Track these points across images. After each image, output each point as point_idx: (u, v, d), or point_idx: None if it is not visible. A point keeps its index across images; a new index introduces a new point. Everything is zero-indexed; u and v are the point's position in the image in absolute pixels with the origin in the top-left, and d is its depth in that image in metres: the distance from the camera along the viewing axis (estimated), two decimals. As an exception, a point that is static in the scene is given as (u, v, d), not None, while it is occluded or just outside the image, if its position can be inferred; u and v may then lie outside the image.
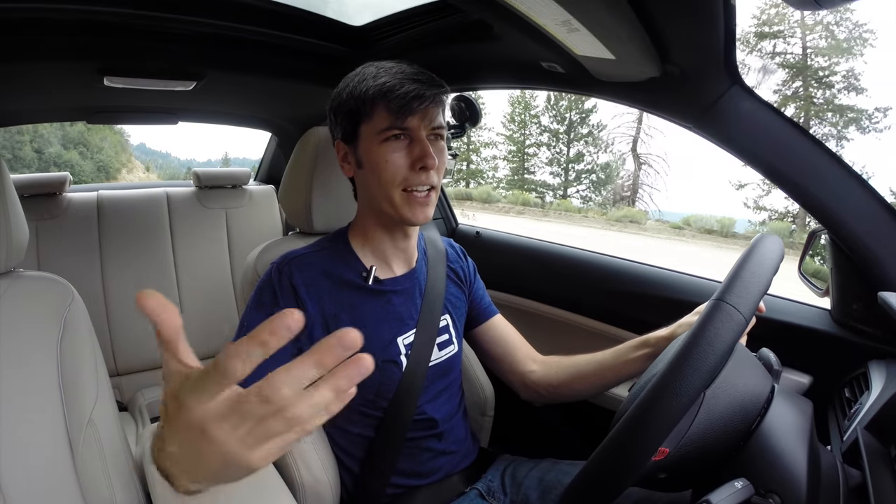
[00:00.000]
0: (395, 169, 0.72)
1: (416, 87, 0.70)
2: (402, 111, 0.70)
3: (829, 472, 0.55)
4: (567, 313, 1.20)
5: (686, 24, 0.66)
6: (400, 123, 0.71)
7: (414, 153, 0.72)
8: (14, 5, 0.85)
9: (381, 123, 0.72)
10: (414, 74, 0.72)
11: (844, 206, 0.76)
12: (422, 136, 0.72)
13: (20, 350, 0.72)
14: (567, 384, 0.88)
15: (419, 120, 0.72)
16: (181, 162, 37.92)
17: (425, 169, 0.72)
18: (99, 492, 0.72)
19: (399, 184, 0.72)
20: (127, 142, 22.68)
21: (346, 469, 0.81)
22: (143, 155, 34.89)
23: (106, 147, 20.40)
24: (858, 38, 14.39)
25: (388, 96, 0.70)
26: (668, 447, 0.50)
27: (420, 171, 0.72)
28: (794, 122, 0.78)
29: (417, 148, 0.72)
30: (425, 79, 0.72)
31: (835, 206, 0.76)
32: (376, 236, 0.80)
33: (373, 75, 0.73)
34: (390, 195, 0.73)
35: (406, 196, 0.73)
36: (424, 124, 0.72)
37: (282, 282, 0.74)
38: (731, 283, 0.52)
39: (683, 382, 0.47)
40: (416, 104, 0.70)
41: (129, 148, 23.40)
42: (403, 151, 0.72)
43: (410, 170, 0.72)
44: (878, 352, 0.77)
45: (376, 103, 0.72)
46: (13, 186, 0.77)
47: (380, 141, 0.73)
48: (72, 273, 1.43)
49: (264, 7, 1.04)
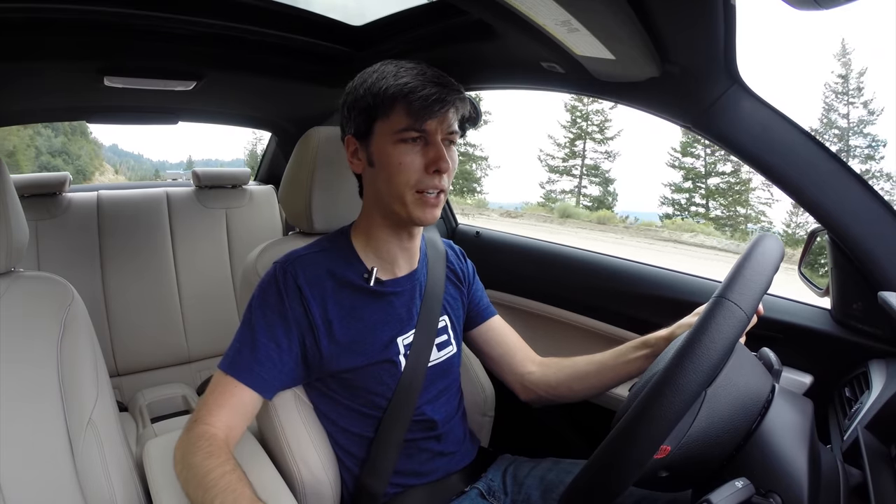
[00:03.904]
0: (410, 171, 0.72)
1: (438, 90, 0.70)
2: (423, 114, 0.70)
3: (829, 472, 0.55)
4: (567, 313, 1.20)
5: (686, 24, 0.66)
6: (419, 126, 0.71)
7: (429, 156, 0.72)
8: (14, 5, 0.85)
9: (399, 123, 0.71)
10: (435, 77, 0.72)
11: (844, 206, 0.76)
12: (437, 139, 0.72)
13: (20, 350, 0.72)
14: (566, 385, 0.88)
15: (437, 123, 0.72)
16: (153, 163, 39.65)
17: (439, 172, 0.72)
18: (99, 492, 0.72)
19: (412, 185, 0.72)
20: (99, 149, 29.95)
21: (346, 468, 0.81)
22: (114, 156, 37.87)
23: (83, 154, 27.19)
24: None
25: (410, 97, 0.69)
26: (669, 445, 0.50)
27: (433, 175, 0.72)
28: (794, 122, 0.78)
29: (432, 151, 0.72)
30: (446, 82, 0.72)
31: (835, 206, 0.76)
32: (381, 235, 0.80)
33: (393, 73, 0.72)
34: (402, 195, 0.73)
35: (418, 197, 0.73)
36: (442, 128, 0.72)
37: (287, 281, 0.74)
38: (732, 281, 0.52)
39: (685, 379, 0.47)
40: (438, 108, 0.69)
41: (101, 154, 30.55)
42: (418, 153, 0.72)
43: (424, 172, 0.72)
44: (878, 351, 0.77)
45: (396, 103, 0.71)
46: (13, 186, 0.77)
47: (395, 141, 0.72)
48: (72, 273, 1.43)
49: (264, 7, 1.04)
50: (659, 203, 20.45)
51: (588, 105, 20.52)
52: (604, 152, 21.12)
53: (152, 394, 1.56)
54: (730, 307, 0.49)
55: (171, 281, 1.72)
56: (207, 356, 1.77)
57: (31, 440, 0.70)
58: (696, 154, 19.64)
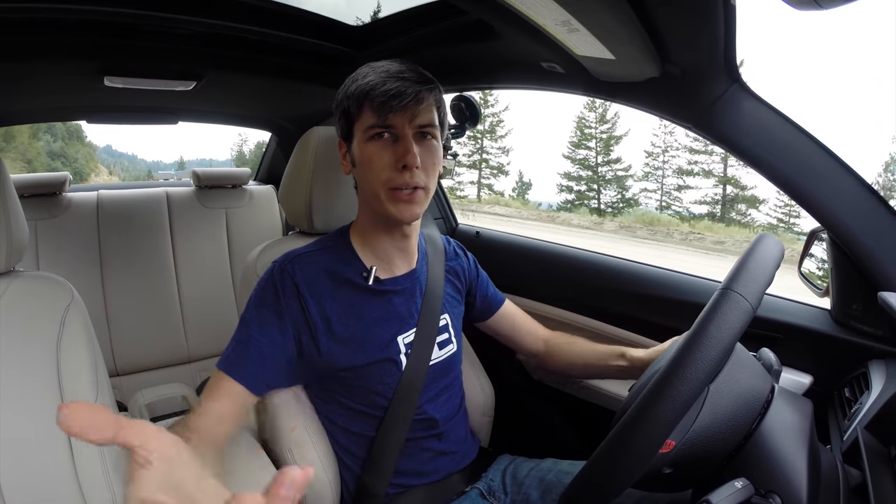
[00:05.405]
0: (380, 167, 0.72)
1: (399, 84, 0.70)
2: (383, 109, 0.70)
3: (829, 472, 0.55)
4: (566, 313, 1.20)
5: (686, 24, 0.66)
6: (382, 121, 0.72)
7: (398, 152, 0.72)
8: (14, 5, 0.85)
9: (367, 122, 0.73)
10: (399, 72, 0.72)
11: (844, 206, 0.76)
12: (406, 133, 0.72)
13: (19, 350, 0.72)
14: (563, 370, 1.00)
15: (402, 118, 0.72)
16: (147, 164, 41.04)
17: (407, 168, 0.72)
18: (99, 492, 0.72)
19: (384, 182, 0.72)
20: (94, 151, 33.05)
21: (346, 468, 0.81)
22: (109, 157, 39.21)
23: (80, 157, 29.86)
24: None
25: (371, 94, 0.71)
26: (674, 440, 0.50)
27: (403, 171, 0.72)
28: (794, 121, 0.78)
29: (401, 147, 0.72)
30: (410, 76, 0.72)
31: (835, 205, 0.76)
32: (375, 235, 0.80)
33: (363, 75, 0.74)
34: (377, 193, 0.74)
35: (391, 194, 0.73)
36: (409, 122, 0.72)
37: (284, 280, 0.75)
38: (737, 273, 0.52)
39: (693, 368, 0.47)
40: (396, 102, 0.70)
41: (96, 156, 33.32)
42: (389, 150, 0.73)
43: (393, 169, 0.72)
44: (878, 352, 0.77)
45: (363, 102, 0.73)
46: (13, 186, 0.77)
47: (366, 139, 0.73)
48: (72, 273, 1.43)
49: (264, 7, 1.04)
50: (557, 191, 24.18)
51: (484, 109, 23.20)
52: (499, 147, 24.56)
53: (152, 394, 1.56)
54: (736, 298, 0.49)
55: (170, 281, 1.72)
56: (207, 356, 1.77)
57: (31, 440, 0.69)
58: (589, 146, 23.40)
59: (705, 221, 19.06)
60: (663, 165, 22.73)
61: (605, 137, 22.96)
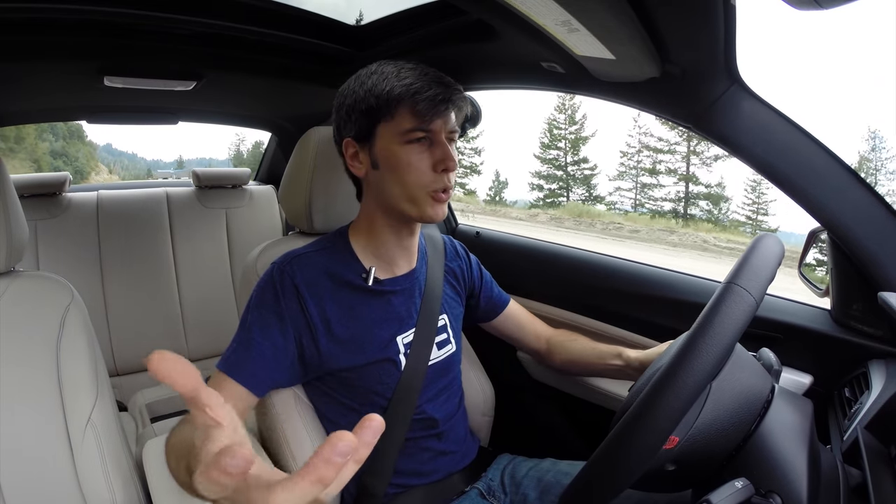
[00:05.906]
0: (421, 171, 0.72)
1: (442, 90, 0.70)
2: (429, 114, 0.70)
3: (829, 472, 0.55)
4: (567, 313, 1.20)
5: (686, 25, 0.66)
6: (426, 126, 0.71)
7: (436, 156, 0.72)
8: (14, 5, 0.85)
9: (405, 124, 0.71)
10: (438, 77, 0.72)
11: (844, 207, 0.76)
12: (442, 139, 0.73)
13: (20, 350, 0.72)
14: (563, 367, 1.01)
15: (441, 122, 0.72)
16: (147, 162, 42.08)
17: (447, 171, 0.73)
18: (99, 492, 0.72)
19: (425, 185, 0.73)
20: (95, 150, 35.09)
21: None
22: (109, 156, 40.27)
23: (80, 156, 31.22)
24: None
25: (416, 98, 0.70)
26: (678, 436, 0.50)
27: (441, 174, 0.73)
28: (794, 122, 0.78)
29: (439, 151, 0.72)
30: (448, 82, 0.72)
31: (835, 206, 0.76)
32: (382, 236, 0.80)
33: (395, 74, 0.72)
34: (414, 195, 0.73)
35: (432, 196, 0.74)
36: (446, 128, 0.73)
37: (284, 281, 0.75)
38: (741, 268, 0.52)
39: (698, 359, 0.47)
40: (444, 107, 0.70)
41: (96, 154, 34.89)
42: (427, 153, 0.73)
43: (434, 171, 0.73)
44: (878, 352, 0.77)
45: (401, 103, 0.71)
46: (13, 186, 0.77)
47: (402, 142, 0.72)
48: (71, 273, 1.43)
49: (264, 7, 1.03)
50: (529, 189, 26.14)
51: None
52: (472, 148, 26.18)
53: (152, 393, 1.55)
54: (740, 292, 0.50)
55: (170, 281, 1.72)
56: (207, 356, 1.77)
57: (31, 440, 0.69)
58: (559, 147, 25.45)
59: (665, 219, 20.51)
60: (637, 165, 24.35)
61: (573, 138, 24.93)
